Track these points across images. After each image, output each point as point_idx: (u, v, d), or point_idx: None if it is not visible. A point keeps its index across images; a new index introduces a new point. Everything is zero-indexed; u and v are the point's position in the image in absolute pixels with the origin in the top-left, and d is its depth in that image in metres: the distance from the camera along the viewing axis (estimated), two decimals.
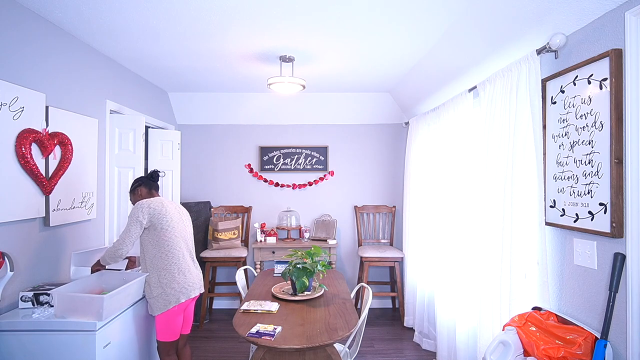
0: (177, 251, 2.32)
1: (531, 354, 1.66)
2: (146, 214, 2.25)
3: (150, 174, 2.55)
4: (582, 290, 1.71)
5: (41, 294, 2.13)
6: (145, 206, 2.27)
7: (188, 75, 3.64)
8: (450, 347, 2.98)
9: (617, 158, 1.50)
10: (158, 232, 2.28)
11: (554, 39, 1.80)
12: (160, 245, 2.29)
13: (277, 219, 4.60)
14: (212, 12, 2.26)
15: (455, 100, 2.92)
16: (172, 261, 2.29)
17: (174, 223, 2.34)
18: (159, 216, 2.28)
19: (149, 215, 2.25)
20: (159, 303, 2.26)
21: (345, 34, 2.59)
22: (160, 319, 2.28)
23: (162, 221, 2.29)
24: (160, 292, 2.26)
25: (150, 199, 2.34)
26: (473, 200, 2.64)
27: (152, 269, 2.29)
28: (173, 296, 2.26)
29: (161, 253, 2.28)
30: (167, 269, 2.28)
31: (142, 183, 2.49)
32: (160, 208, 2.30)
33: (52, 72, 2.40)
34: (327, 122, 4.70)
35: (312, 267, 2.63)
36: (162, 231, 2.29)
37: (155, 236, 2.28)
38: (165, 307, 2.26)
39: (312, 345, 1.94)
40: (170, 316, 2.29)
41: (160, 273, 2.27)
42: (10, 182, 2.04)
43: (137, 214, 2.24)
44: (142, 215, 2.25)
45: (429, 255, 3.46)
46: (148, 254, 2.30)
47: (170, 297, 2.26)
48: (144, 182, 2.50)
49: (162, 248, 2.29)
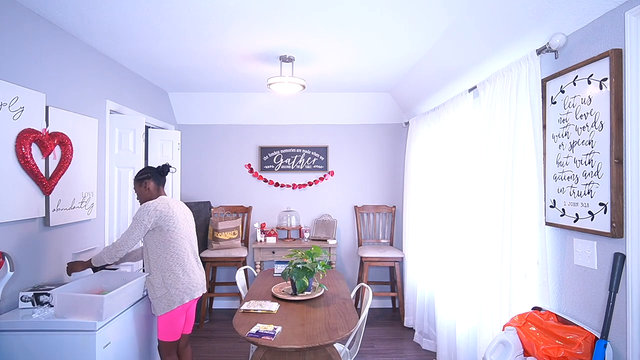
0: (182, 252, 2.31)
1: (531, 354, 1.66)
2: (152, 217, 2.23)
3: (161, 167, 2.46)
4: (582, 290, 1.71)
5: (41, 294, 2.13)
6: (152, 209, 2.24)
7: (188, 75, 3.64)
8: (450, 347, 2.98)
9: (617, 158, 1.50)
10: (164, 234, 2.26)
11: (554, 39, 1.80)
12: (166, 246, 2.27)
13: (277, 219, 4.60)
14: (212, 12, 2.26)
15: (455, 100, 2.92)
16: (177, 262, 2.28)
17: (179, 224, 2.32)
18: (166, 218, 2.26)
19: (156, 218, 2.23)
20: (163, 303, 2.25)
21: (345, 33, 2.59)
22: (162, 319, 2.28)
23: (169, 223, 2.27)
24: (164, 293, 2.24)
25: (157, 201, 2.30)
26: (473, 200, 2.64)
27: (156, 269, 2.27)
28: (177, 297, 2.25)
29: (166, 254, 2.27)
30: (172, 269, 2.27)
31: (152, 176, 2.41)
32: (167, 210, 2.28)
33: (52, 72, 2.40)
34: (327, 122, 4.70)
35: (312, 267, 2.62)
36: (168, 233, 2.27)
37: (161, 237, 2.27)
38: (169, 308, 2.25)
39: (312, 345, 1.94)
40: (173, 316, 2.28)
41: (164, 274, 2.26)
42: (10, 182, 2.04)
43: (143, 217, 2.22)
44: (149, 218, 2.22)
45: (429, 255, 3.46)
46: (152, 255, 2.28)
47: (175, 298, 2.25)
48: (154, 175, 2.42)
49: (167, 249, 2.27)
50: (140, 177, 2.40)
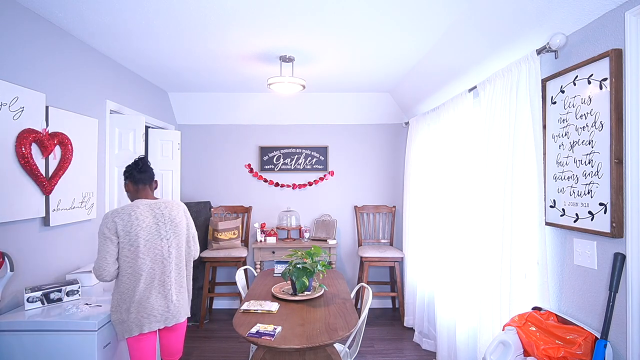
0: (137, 274, 1.93)
1: (531, 354, 1.66)
2: (111, 228, 1.90)
3: (134, 162, 2.10)
4: (582, 290, 1.71)
5: (52, 291, 2.15)
6: (109, 219, 1.91)
7: (188, 75, 3.64)
8: (450, 347, 2.98)
9: (617, 158, 1.50)
10: (121, 249, 1.92)
11: (554, 39, 1.80)
12: (122, 263, 1.93)
13: (277, 219, 4.60)
14: (212, 12, 2.26)
15: (455, 100, 2.92)
16: (129, 285, 1.94)
17: (140, 238, 1.92)
18: (122, 231, 1.90)
19: (114, 229, 1.90)
20: (118, 328, 1.96)
21: (345, 33, 2.59)
22: (128, 343, 1.98)
23: (125, 238, 1.91)
24: (118, 318, 1.95)
25: (119, 209, 1.96)
26: (473, 200, 2.63)
27: (115, 289, 1.99)
28: (132, 323, 1.94)
29: (121, 273, 1.94)
30: (124, 292, 1.95)
31: (128, 176, 2.08)
32: (125, 221, 1.91)
33: (52, 72, 2.40)
34: (327, 122, 4.70)
35: (312, 267, 2.62)
36: (122, 249, 1.92)
37: (120, 253, 1.93)
38: (127, 333, 1.95)
39: (312, 345, 1.94)
40: (136, 343, 1.97)
41: (119, 296, 1.96)
42: (10, 182, 2.04)
43: (102, 229, 1.91)
44: (107, 230, 1.90)
45: (429, 255, 3.46)
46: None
47: (130, 324, 1.94)
48: (130, 174, 2.08)
49: (122, 268, 1.93)
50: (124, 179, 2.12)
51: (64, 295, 2.22)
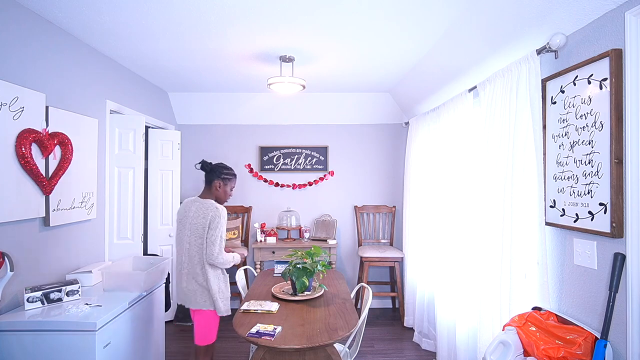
0: (178, 260, 2.44)
1: (531, 354, 1.66)
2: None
3: (211, 166, 2.48)
4: (582, 290, 1.71)
5: (51, 291, 2.15)
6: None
7: (188, 75, 3.64)
8: (450, 347, 2.98)
9: (617, 158, 1.50)
10: None
11: (554, 39, 1.80)
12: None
13: (277, 219, 4.60)
14: (212, 12, 2.26)
15: (455, 100, 2.92)
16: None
17: (178, 232, 2.43)
18: (177, 221, 2.49)
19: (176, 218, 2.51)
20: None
21: (345, 33, 2.59)
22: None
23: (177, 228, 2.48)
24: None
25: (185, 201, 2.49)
26: (473, 200, 2.63)
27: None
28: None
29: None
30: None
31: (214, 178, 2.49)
32: (179, 214, 2.46)
33: (52, 72, 2.40)
34: (327, 122, 4.70)
35: (312, 267, 2.62)
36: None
37: None
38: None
39: (312, 345, 1.94)
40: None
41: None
42: (10, 182, 2.04)
43: None
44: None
45: (429, 255, 3.46)
46: None
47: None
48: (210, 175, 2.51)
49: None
50: (211, 178, 2.46)
51: (64, 295, 2.22)
